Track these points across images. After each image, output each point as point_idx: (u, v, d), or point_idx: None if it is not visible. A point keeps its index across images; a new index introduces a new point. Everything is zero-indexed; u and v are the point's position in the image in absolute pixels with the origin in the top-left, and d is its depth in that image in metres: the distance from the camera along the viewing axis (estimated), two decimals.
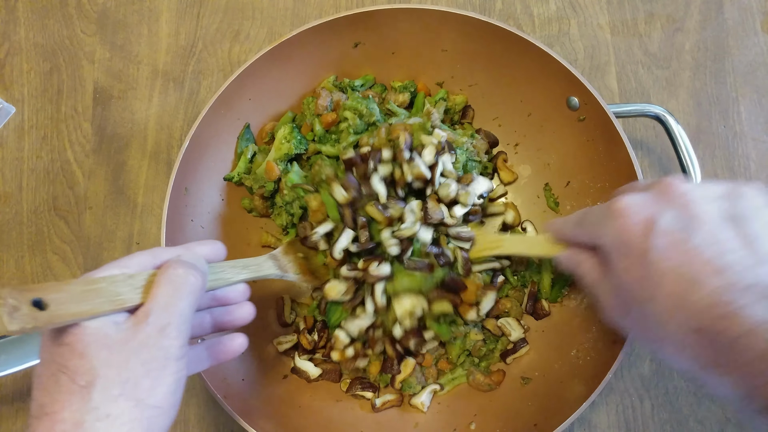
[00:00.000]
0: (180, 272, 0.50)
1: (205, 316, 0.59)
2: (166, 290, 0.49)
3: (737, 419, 0.78)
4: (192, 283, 0.50)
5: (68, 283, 0.46)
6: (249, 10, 0.94)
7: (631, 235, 0.51)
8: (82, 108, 0.91)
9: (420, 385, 0.77)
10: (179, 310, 0.48)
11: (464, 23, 0.77)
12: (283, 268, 0.69)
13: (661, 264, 0.49)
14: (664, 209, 0.51)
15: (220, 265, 0.59)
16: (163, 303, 0.48)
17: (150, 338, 0.46)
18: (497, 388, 0.77)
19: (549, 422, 0.68)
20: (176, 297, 0.49)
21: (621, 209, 0.52)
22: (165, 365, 0.46)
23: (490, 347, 0.79)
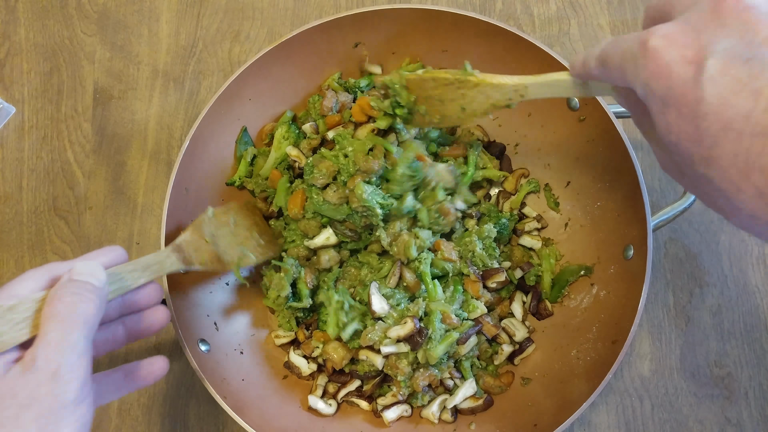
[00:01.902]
0: (67, 301, 0.44)
1: (118, 328, 0.55)
2: (52, 326, 0.43)
3: (738, 421, 0.78)
4: (83, 312, 0.45)
5: None
6: (249, 10, 0.94)
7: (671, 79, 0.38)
8: (82, 108, 0.91)
9: (428, 397, 0.76)
10: (71, 346, 0.43)
11: (464, 23, 0.77)
12: (188, 260, 0.65)
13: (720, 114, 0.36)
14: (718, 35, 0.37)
15: (117, 272, 0.54)
16: (50, 342, 0.42)
17: (40, 387, 0.41)
18: (508, 389, 0.77)
19: (549, 422, 0.68)
20: (65, 332, 0.43)
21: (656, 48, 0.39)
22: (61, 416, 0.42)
23: (495, 349, 0.78)
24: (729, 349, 0.80)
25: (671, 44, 0.39)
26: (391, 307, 0.75)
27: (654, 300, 0.82)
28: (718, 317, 0.81)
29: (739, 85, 0.36)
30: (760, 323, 0.81)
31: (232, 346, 0.77)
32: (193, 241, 0.68)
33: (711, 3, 0.38)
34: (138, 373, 0.55)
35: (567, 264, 0.81)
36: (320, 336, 0.78)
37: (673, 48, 0.39)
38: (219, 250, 0.70)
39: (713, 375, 0.80)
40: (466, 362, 0.76)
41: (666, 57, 0.39)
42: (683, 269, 0.83)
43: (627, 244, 0.73)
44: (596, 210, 0.79)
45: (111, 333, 0.54)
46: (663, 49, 0.39)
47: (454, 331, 0.72)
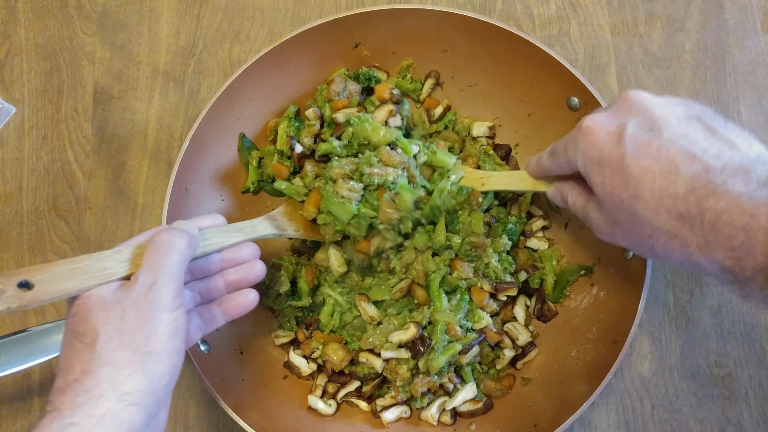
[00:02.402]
0: (164, 236, 0.54)
1: (218, 279, 0.63)
2: (151, 254, 0.53)
3: (738, 421, 0.78)
4: (176, 243, 0.54)
5: (55, 264, 0.50)
6: (249, 10, 0.94)
7: (602, 147, 0.54)
8: (82, 108, 0.91)
9: (428, 399, 0.76)
10: (165, 267, 0.53)
11: (464, 23, 0.77)
12: (281, 227, 0.71)
13: (639, 164, 0.51)
14: (629, 118, 0.54)
15: (214, 231, 0.62)
16: (149, 265, 0.53)
17: (140, 295, 0.51)
18: (509, 393, 0.77)
19: (549, 422, 0.68)
20: (161, 257, 0.53)
21: (587, 127, 0.55)
22: (157, 317, 0.51)
23: (497, 353, 0.78)
24: (729, 349, 0.80)
25: (599, 124, 0.55)
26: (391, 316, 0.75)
27: (654, 300, 0.82)
28: (718, 317, 0.81)
29: (647, 144, 0.52)
30: (760, 323, 0.81)
31: (232, 346, 0.77)
32: (287, 212, 0.74)
33: (621, 102, 0.56)
34: (231, 303, 0.63)
35: (567, 264, 0.81)
36: (320, 337, 0.78)
37: (601, 126, 0.55)
38: None
39: (713, 375, 0.80)
40: (467, 367, 0.76)
41: (597, 131, 0.55)
42: (683, 269, 0.83)
43: None
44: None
45: (213, 283, 0.63)
46: (594, 127, 0.55)
47: (457, 343, 0.72)
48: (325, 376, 0.79)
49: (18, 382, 0.82)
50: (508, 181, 0.73)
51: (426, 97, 0.86)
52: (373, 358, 0.73)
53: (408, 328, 0.71)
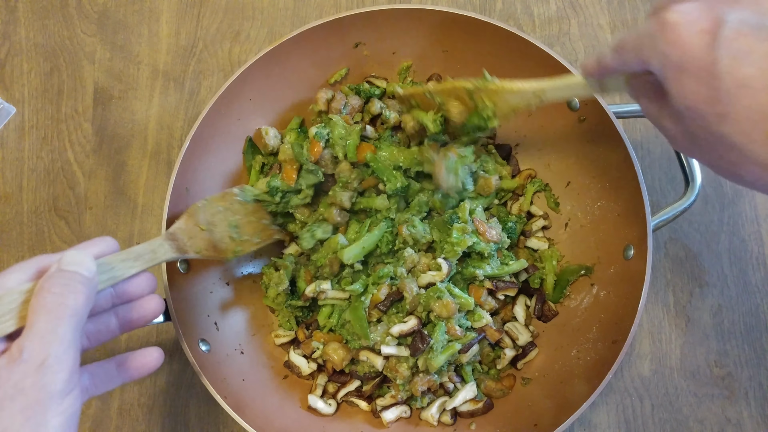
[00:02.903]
0: (56, 292, 0.44)
1: (110, 318, 0.54)
2: (39, 317, 0.43)
3: (738, 421, 0.78)
4: (72, 304, 0.44)
5: None
6: (249, 10, 0.94)
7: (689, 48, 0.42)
8: (82, 108, 0.91)
9: (428, 399, 0.76)
10: (59, 337, 0.43)
11: (464, 23, 0.77)
12: (182, 248, 0.64)
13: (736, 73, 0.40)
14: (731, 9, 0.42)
15: (108, 261, 0.53)
16: (36, 333, 0.42)
17: (26, 378, 0.41)
18: (510, 393, 0.77)
19: (549, 422, 0.68)
20: (53, 323, 0.43)
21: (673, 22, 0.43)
22: (47, 407, 0.41)
23: (498, 353, 0.78)
24: (729, 349, 0.81)
25: (687, 17, 0.42)
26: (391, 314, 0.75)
27: (654, 300, 0.82)
28: (718, 317, 0.81)
29: (752, 47, 0.40)
30: (760, 323, 0.81)
31: (232, 346, 0.77)
32: (187, 229, 0.67)
33: None
34: (131, 363, 0.54)
35: (567, 264, 0.81)
36: (320, 336, 0.78)
37: (689, 20, 0.42)
38: (215, 238, 0.69)
39: (713, 375, 0.80)
40: (467, 367, 0.76)
41: (683, 28, 0.42)
42: (683, 269, 0.83)
43: (627, 244, 0.73)
44: (596, 210, 0.79)
45: (103, 324, 0.53)
46: (680, 22, 0.43)
47: (456, 342, 0.72)
48: (325, 375, 0.79)
49: None
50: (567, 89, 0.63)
51: None
52: (373, 356, 0.73)
53: (408, 320, 0.72)
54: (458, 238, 0.73)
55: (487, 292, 0.76)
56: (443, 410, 0.75)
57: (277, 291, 0.78)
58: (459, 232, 0.73)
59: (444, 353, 0.71)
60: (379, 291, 0.73)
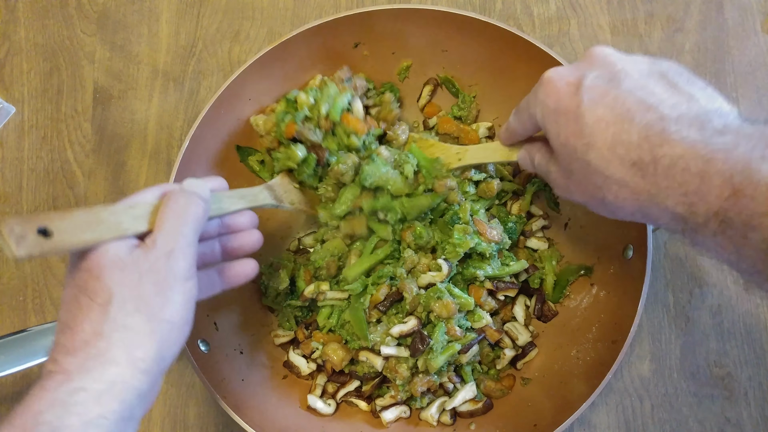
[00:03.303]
0: (182, 201, 0.54)
1: (215, 244, 0.63)
2: (169, 218, 0.52)
3: (737, 421, 0.78)
4: (194, 212, 0.54)
5: (72, 212, 0.49)
6: (249, 10, 0.94)
7: (559, 96, 0.54)
8: (82, 108, 0.91)
9: (427, 399, 0.76)
10: (183, 236, 0.52)
11: (464, 23, 0.77)
12: (278, 198, 0.73)
13: (593, 112, 0.52)
14: (590, 70, 0.54)
15: (218, 195, 0.62)
16: (167, 230, 0.52)
17: (158, 261, 0.50)
18: (510, 393, 0.77)
19: (549, 422, 0.68)
20: (179, 224, 0.52)
21: (548, 78, 0.56)
22: (173, 285, 0.51)
23: (497, 353, 0.78)
24: (729, 349, 0.80)
25: (560, 75, 0.56)
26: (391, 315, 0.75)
27: (654, 300, 0.82)
28: (718, 317, 0.81)
29: (604, 94, 0.52)
30: (760, 323, 0.81)
31: (232, 346, 0.77)
32: (282, 184, 0.75)
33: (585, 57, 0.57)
34: (231, 271, 0.63)
35: (567, 264, 0.81)
36: (320, 336, 0.78)
37: (560, 76, 0.55)
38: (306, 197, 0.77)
39: (713, 375, 0.80)
40: (467, 367, 0.76)
41: (556, 82, 0.55)
42: (683, 269, 0.83)
43: (627, 244, 0.73)
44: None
45: (209, 248, 0.63)
46: (554, 77, 0.56)
47: (456, 343, 0.72)
48: (324, 375, 0.79)
49: (18, 382, 0.82)
50: (484, 153, 0.73)
51: (425, 104, 0.86)
52: (372, 356, 0.73)
53: (408, 321, 0.71)
54: (460, 239, 0.72)
55: (487, 292, 0.76)
56: (443, 410, 0.75)
57: (277, 291, 0.78)
58: (460, 233, 0.73)
59: (444, 354, 0.71)
60: (379, 291, 0.73)
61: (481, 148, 0.74)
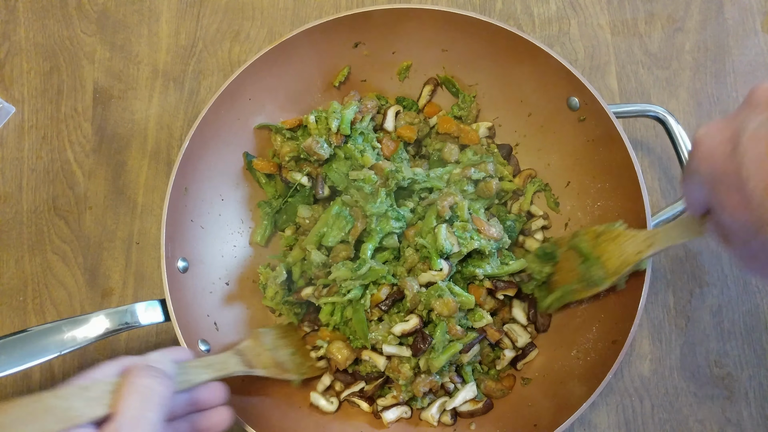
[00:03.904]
0: (147, 381, 0.48)
1: (182, 425, 0.56)
2: (133, 402, 0.46)
3: (738, 421, 0.78)
4: (160, 393, 0.48)
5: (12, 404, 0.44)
6: (249, 10, 0.94)
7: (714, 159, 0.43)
8: (82, 108, 0.91)
9: (428, 400, 0.76)
10: (148, 422, 0.46)
11: (464, 23, 0.77)
12: (249, 363, 0.69)
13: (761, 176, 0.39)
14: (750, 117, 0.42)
15: (183, 366, 0.57)
16: (130, 415, 0.45)
17: None
18: (510, 393, 0.77)
19: (549, 422, 0.68)
20: (145, 409, 0.46)
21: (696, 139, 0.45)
22: None
23: (497, 354, 0.78)
24: (729, 349, 0.80)
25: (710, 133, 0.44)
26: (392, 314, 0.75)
27: (654, 300, 0.82)
28: (718, 317, 0.81)
29: None
30: (760, 323, 0.81)
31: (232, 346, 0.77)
32: (253, 347, 0.71)
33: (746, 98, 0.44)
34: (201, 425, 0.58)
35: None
36: (326, 334, 0.77)
37: (710, 134, 0.44)
38: (279, 359, 0.73)
39: (713, 375, 0.80)
40: (467, 367, 0.76)
41: (706, 142, 0.44)
42: (683, 269, 0.83)
43: None
44: (596, 210, 0.79)
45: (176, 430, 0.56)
46: (703, 138, 0.44)
47: (458, 342, 0.72)
48: (329, 375, 0.78)
49: (18, 382, 0.82)
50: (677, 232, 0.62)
51: (425, 103, 0.86)
52: (375, 356, 0.73)
53: (409, 319, 0.71)
54: (460, 234, 0.73)
55: (487, 292, 0.76)
56: (443, 410, 0.75)
57: (275, 289, 0.78)
58: (460, 230, 0.73)
59: (445, 353, 0.71)
60: (380, 291, 0.73)
61: (670, 229, 0.63)
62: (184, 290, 0.72)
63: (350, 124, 0.78)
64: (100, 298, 0.84)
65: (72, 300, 0.84)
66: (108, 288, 0.85)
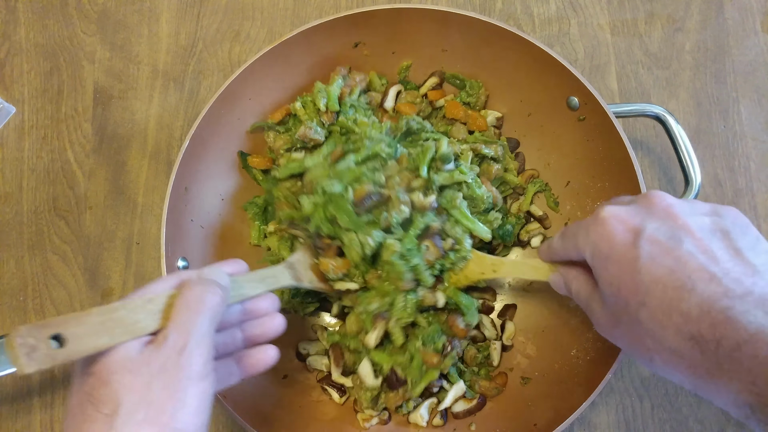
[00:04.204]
0: (197, 291, 0.50)
1: (236, 332, 0.59)
2: (183, 311, 0.49)
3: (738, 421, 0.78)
4: (209, 301, 0.50)
5: (87, 314, 0.47)
6: (249, 10, 0.94)
7: (616, 242, 0.50)
8: (82, 108, 0.91)
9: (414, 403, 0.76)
10: (197, 329, 0.48)
11: (464, 23, 0.77)
12: (299, 277, 0.69)
13: (651, 270, 0.48)
14: (651, 219, 0.51)
15: (238, 280, 0.59)
16: (180, 324, 0.48)
17: (170, 360, 0.46)
18: (504, 390, 0.77)
19: (549, 422, 0.68)
20: (193, 316, 0.49)
21: (605, 217, 0.52)
22: (187, 386, 0.46)
23: (484, 354, 0.79)
24: None
25: (617, 217, 0.52)
26: None
27: None
28: None
29: (665, 252, 0.48)
30: None
31: None
32: (303, 261, 0.71)
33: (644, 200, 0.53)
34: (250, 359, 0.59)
35: None
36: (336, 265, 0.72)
37: (617, 219, 0.51)
38: None
39: None
40: (452, 369, 0.76)
41: (612, 224, 0.51)
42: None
43: None
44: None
45: (230, 336, 0.58)
46: (610, 219, 0.52)
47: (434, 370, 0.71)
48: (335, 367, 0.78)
49: (18, 382, 0.82)
50: (521, 268, 0.69)
51: (426, 91, 0.85)
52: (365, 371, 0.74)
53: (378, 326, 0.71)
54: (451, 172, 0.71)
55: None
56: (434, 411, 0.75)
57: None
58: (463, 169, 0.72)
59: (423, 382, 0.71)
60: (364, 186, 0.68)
61: (518, 264, 0.70)
62: None
63: (338, 100, 0.78)
64: (100, 298, 0.84)
65: (72, 300, 0.84)
66: (108, 288, 0.85)
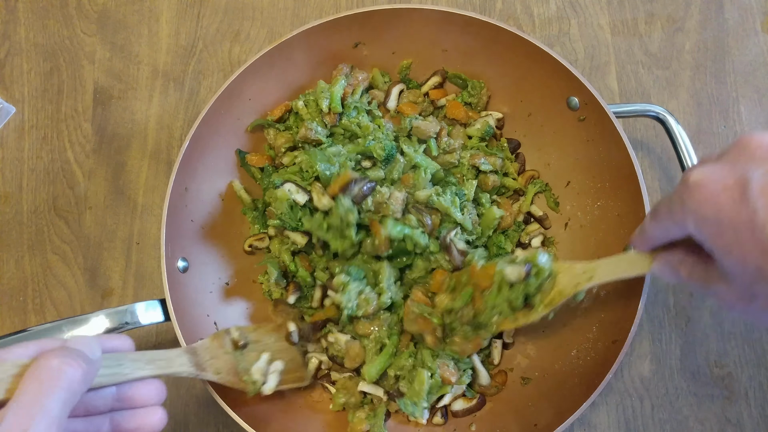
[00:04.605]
0: (53, 363, 0.42)
1: (103, 422, 0.49)
2: (30, 385, 0.41)
3: (738, 422, 0.78)
4: (67, 376, 0.42)
5: None
6: (249, 10, 0.94)
7: (719, 205, 0.43)
8: (82, 108, 0.91)
9: None
10: (44, 409, 0.40)
11: (464, 23, 0.77)
12: (200, 365, 0.61)
13: None
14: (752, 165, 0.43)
15: (117, 357, 0.50)
16: (23, 403, 0.40)
17: None
18: (503, 389, 0.77)
19: (549, 422, 0.68)
20: (43, 394, 0.40)
21: (697, 180, 0.45)
22: None
23: (485, 352, 0.78)
24: (729, 349, 0.80)
25: (710, 176, 0.44)
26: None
27: (654, 300, 0.82)
28: (718, 317, 0.81)
29: None
30: None
31: None
32: (211, 348, 0.64)
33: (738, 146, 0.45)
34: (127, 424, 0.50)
35: None
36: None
37: (712, 179, 0.44)
38: (239, 366, 0.66)
39: (713, 375, 0.80)
40: None
41: (709, 186, 0.44)
42: None
43: (627, 244, 0.73)
44: (596, 210, 0.79)
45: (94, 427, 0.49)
46: (704, 180, 0.44)
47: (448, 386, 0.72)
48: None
49: None
50: (617, 267, 0.61)
51: (428, 90, 0.85)
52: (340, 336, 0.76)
53: None
54: None
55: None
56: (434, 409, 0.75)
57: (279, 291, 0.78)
58: None
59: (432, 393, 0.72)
60: None
61: (613, 263, 0.62)
62: (184, 290, 0.72)
63: (341, 100, 0.78)
64: (100, 298, 0.84)
65: (72, 300, 0.84)
66: (108, 288, 0.85)
